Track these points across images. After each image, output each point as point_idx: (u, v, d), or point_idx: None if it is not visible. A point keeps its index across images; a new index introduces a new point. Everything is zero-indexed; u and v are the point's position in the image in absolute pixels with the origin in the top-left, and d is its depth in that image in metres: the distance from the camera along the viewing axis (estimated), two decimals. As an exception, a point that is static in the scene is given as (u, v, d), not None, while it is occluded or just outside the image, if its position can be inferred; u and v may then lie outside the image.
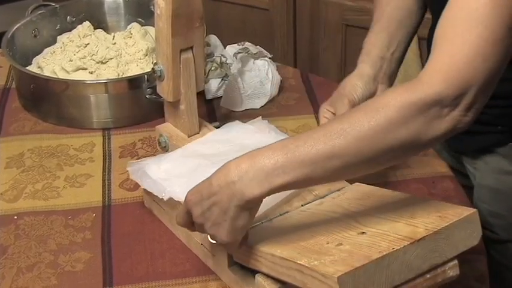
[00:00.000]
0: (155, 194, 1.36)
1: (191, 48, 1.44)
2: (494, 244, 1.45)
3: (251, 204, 1.11)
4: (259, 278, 1.19)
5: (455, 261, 1.13)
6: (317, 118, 1.68)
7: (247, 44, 1.86)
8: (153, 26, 1.91)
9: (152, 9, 1.96)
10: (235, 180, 1.09)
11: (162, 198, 1.37)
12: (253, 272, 1.23)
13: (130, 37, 1.85)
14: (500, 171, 1.53)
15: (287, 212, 1.27)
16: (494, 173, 1.54)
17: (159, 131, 1.52)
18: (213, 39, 1.89)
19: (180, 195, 1.32)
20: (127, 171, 1.55)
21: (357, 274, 1.04)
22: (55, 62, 1.81)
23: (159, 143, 1.52)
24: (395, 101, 1.07)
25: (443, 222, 1.10)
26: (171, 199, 1.33)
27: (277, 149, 1.09)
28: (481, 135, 1.51)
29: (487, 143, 1.52)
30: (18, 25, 1.88)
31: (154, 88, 1.63)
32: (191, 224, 1.19)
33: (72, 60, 1.79)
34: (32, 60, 1.88)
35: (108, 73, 1.77)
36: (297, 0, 2.70)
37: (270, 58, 1.83)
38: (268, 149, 1.10)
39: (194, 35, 1.43)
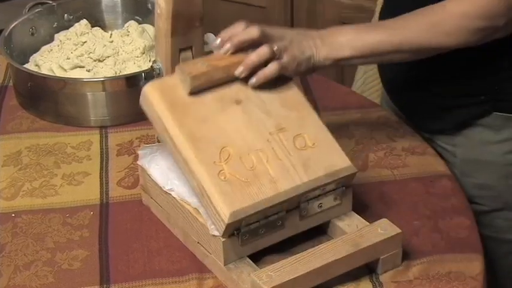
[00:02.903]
0: (158, 183, 1.37)
1: (190, 47, 1.44)
2: (480, 216, 1.46)
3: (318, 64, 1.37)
4: (253, 277, 1.19)
5: None
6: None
7: (245, 42, 1.86)
8: (151, 24, 1.93)
9: (149, 7, 1.96)
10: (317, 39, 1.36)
11: (160, 196, 1.38)
12: (248, 271, 1.24)
13: (128, 35, 1.85)
14: (485, 142, 1.55)
15: None
16: (479, 145, 1.55)
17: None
18: (211, 37, 1.89)
19: (181, 193, 1.33)
20: (125, 169, 1.56)
21: None
22: (52, 60, 1.81)
23: (158, 140, 1.52)
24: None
25: None
26: (171, 193, 1.34)
27: (352, 30, 1.38)
28: (462, 108, 1.53)
29: (469, 116, 1.54)
30: (15, 23, 1.87)
31: (151, 86, 1.64)
32: None
33: (69, 58, 1.80)
34: (29, 58, 1.88)
35: (106, 71, 1.77)
36: (294, -2, 2.71)
37: (267, 56, 1.83)
38: (347, 27, 1.40)
39: (194, 34, 1.43)
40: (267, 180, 1.26)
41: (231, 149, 1.28)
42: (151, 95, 1.33)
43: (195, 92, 1.32)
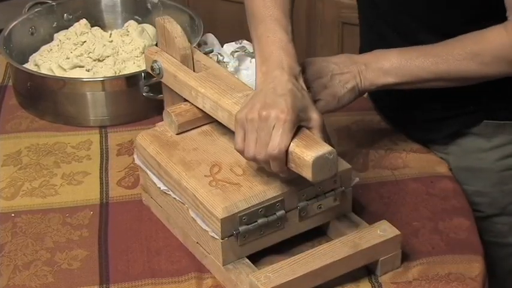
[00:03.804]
0: (155, 182, 1.37)
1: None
2: (479, 222, 1.47)
3: (363, 90, 1.41)
4: (252, 278, 1.20)
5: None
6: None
7: (245, 43, 1.86)
8: (150, 23, 1.93)
9: (149, 7, 1.96)
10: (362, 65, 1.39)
11: (160, 196, 1.38)
12: (247, 272, 1.24)
13: (127, 35, 1.85)
14: (477, 150, 1.55)
15: None
16: (471, 153, 1.55)
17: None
18: (210, 37, 1.89)
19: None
20: (125, 169, 1.56)
21: None
22: (52, 60, 1.81)
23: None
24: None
25: None
26: (169, 193, 1.34)
27: (396, 55, 1.39)
28: (452, 119, 1.53)
29: (460, 125, 1.54)
30: (15, 23, 1.87)
31: (151, 86, 1.64)
32: None
33: (69, 58, 1.79)
34: (28, 58, 1.88)
35: (105, 71, 1.77)
36: (293, -2, 2.71)
37: (267, 56, 1.82)
38: (390, 52, 1.40)
39: None
40: (259, 181, 1.28)
41: (221, 164, 1.31)
42: (143, 141, 1.40)
43: (182, 131, 1.39)
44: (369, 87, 1.40)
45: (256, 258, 1.29)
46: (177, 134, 1.39)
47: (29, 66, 1.83)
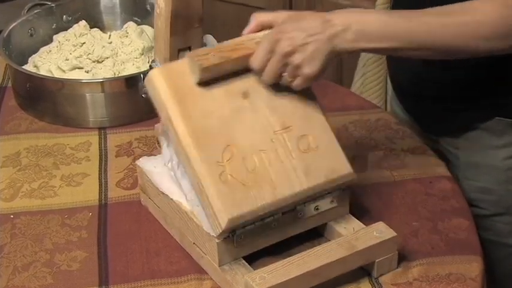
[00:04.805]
0: (155, 183, 1.37)
1: (189, 48, 1.44)
2: (481, 220, 1.47)
3: (342, 53, 1.28)
4: (247, 278, 1.20)
5: None
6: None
7: (244, 43, 1.86)
8: (149, 25, 1.93)
9: (148, 8, 1.96)
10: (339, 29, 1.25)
11: (157, 196, 1.38)
12: (243, 272, 1.24)
13: (127, 36, 1.85)
14: (486, 146, 1.55)
15: None
16: (481, 149, 1.55)
17: (158, 130, 1.52)
18: (210, 39, 1.89)
19: (169, 190, 1.34)
20: (124, 170, 1.56)
21: None
22: (51, 61, 1.81)
23: (158, 142, 1.51)
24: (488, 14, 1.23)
25: None
26: (167, 194, 1.35)
27: (382, 18, 1.27)
28: (465, 111, 1.53)
29: (472, 119, 1.54)
30: (14, 24, 1.87)
31: (150, 87, 1.63)
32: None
33: (68, 59, 1.79)
34: (28, 59, 1.88)
35: (104, 72, 1.77)
36: (293, -1, 2.71)
37: (266, 57, 1.82)
38: (375, 13, 1.31)
39: (192, 35, 1.43)
40: (267, 185, 1.25)
41: (234, 148, 1.25)
42: (157, 79, 1.28)
43: (206, 79, 1.28)
44: (345, 50, 1.28)
45: (253, 260, 1.29)
46: (198, 85, 1.28)
47: (28, 67, 1.83)
